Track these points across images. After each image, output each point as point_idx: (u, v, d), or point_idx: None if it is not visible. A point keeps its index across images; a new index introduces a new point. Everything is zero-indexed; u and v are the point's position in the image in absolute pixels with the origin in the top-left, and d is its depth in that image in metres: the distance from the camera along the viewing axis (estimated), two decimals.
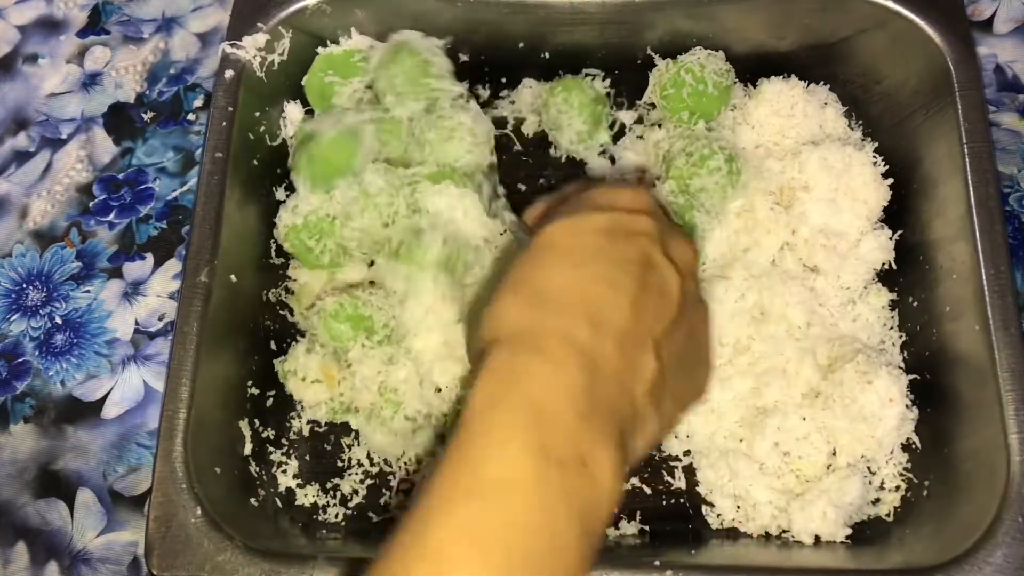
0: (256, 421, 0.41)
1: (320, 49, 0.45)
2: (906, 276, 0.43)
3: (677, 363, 0.29)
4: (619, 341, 0.26)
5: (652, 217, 0.30)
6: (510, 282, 0.28)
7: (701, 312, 0.31)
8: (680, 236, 0.31)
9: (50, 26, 0.52)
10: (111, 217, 0.47)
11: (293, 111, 0.45)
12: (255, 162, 0.43)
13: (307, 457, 0.41)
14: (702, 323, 0.31)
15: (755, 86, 0.46)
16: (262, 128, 0.44)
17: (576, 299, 0.27)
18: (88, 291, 0.46)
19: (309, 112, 0.46)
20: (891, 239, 0.43)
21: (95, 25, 0.52)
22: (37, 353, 0.44)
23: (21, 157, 0.49)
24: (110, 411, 0.43)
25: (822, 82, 0.46)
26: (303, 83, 0.45)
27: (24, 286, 0.46)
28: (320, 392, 0.40)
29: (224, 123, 0.42)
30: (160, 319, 0.45)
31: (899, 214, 0.44)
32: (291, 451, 0.41)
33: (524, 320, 0.27)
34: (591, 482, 0.24)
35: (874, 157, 0.43)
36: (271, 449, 0.41)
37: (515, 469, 0.23)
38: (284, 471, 0.40)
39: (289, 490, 0.40)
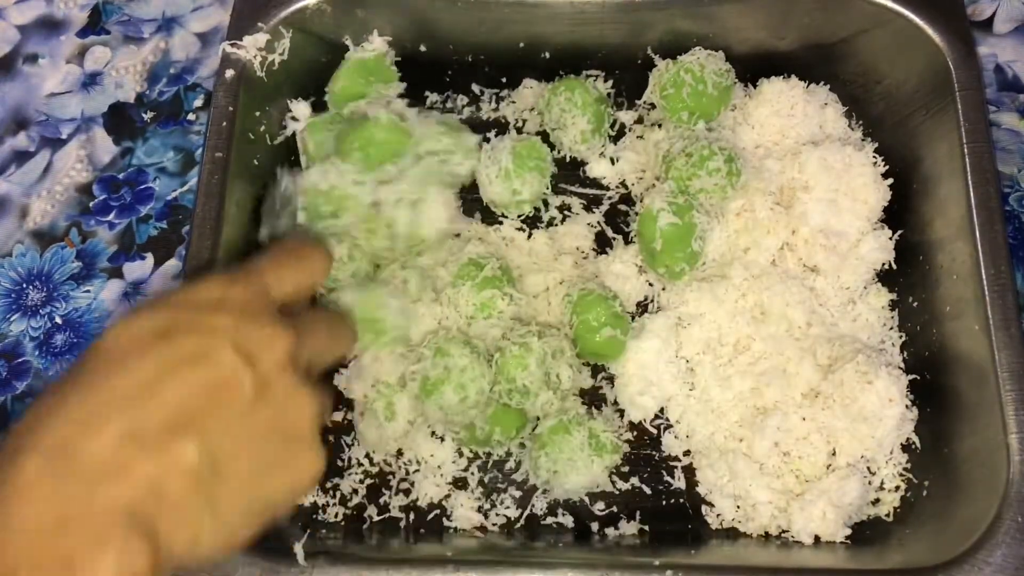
0: None
1: (350, 53, 0.45)
2: (906, 276, 0.43)
3: (247, 457, 0.27)
4: (130, 439, 0.25)
5: (231, 313, 0.28)
6: (57, 380, 0.27)
7: (299, 405, 0.29)
8: (268, 331, 0.29)
9: (50, 26, 0.52)
10: (111, 217, 0.47)
11: (301, 108, 0.45)
12: (255, 162, 0.43)
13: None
14: (301, 417, 0.29)
15: (755, 86, 0.46)
16: (262, 128, 0.44)
17: (83, 407, 0.25)
18: (88, 291, 0.46)
19: (317, 108, 0.45)
20: (891, 239, 0.43)
21: (95, 25, 0.52)
22: (37, 353, 0.44)
23: (21, 157, 0.49)
24: None
25: (822, 82, 0.46)
26: (330, 88, 0.44)
27: (24, 286, 0.46)
28: None
29: (224, 123, 0.42)
30: None
31: (899, 214, 0.44)
32: None
33: (34, 423, 0.25)
34: None
35: (874, 157, 0.43)
36: None
37: None
38: None
39: None
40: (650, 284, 0.44)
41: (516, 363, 0.38)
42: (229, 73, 0.43)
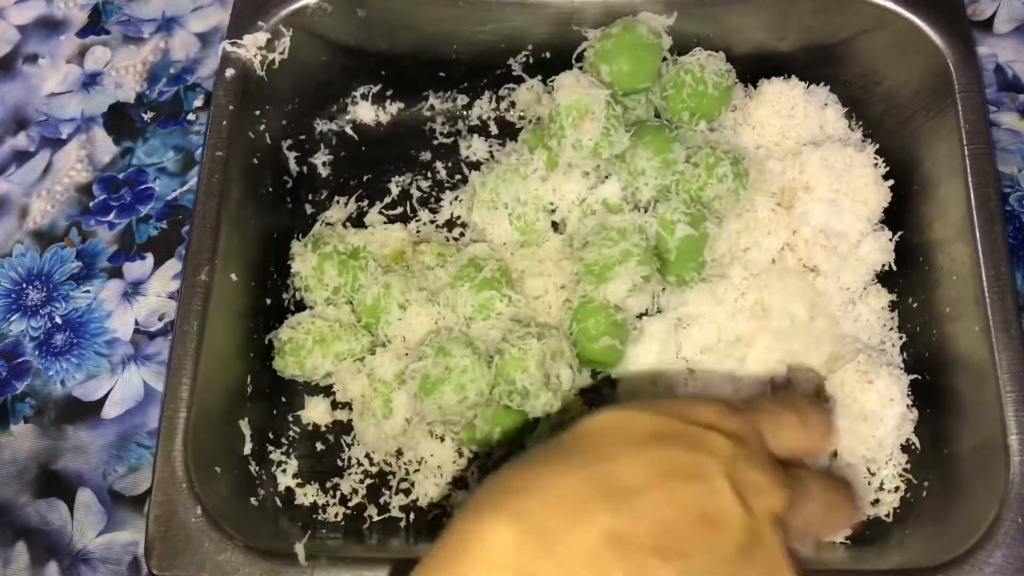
0: (256, 420, 0.40)
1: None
2: (906, 277, 0.43)
3: None
4: (615, 541, 0.22)
5: (732, 441, 0.25)
6: (526, 456, 0.25)
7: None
8: (768, 476, 0.25)
9: (50, 26, 0.52)
10: (111, 217, 0.47)
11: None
12: (255, 161, 0.43)
13: (307, 457, 0.41)
14: None
15: (756, 87, 0.46)
16: (262, 127, 0.44)
17: (574, 486, 0.23)
18: (88, 291, 0.46)
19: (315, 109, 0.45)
20: (891, 240, 0.43)
21: (95, 25, 0.52)
22: (37, 353, 0.44)
23: (21, 157, 0.49)
24: (110, 411, 0.43)
25: (823, 83, 0.46)
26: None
27: (24, 286, 0.46)
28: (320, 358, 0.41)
29: (224, 122, 0.42)
30: (160, 319, 0.45)
31: (899, 215, 0.44)
32: (291, 451, 0.41)
33: (502, 494, 0.23)
34: None
35: (875, 158, 0.43)
36: (271, 449, 0.41)
37: None
38: (284, 471, 0.40)
39: (289, 489, 0.40)
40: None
41: (515, 365, 0.38)
42: (229, 72, 0.43)
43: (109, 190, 0.48)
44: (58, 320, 0.45)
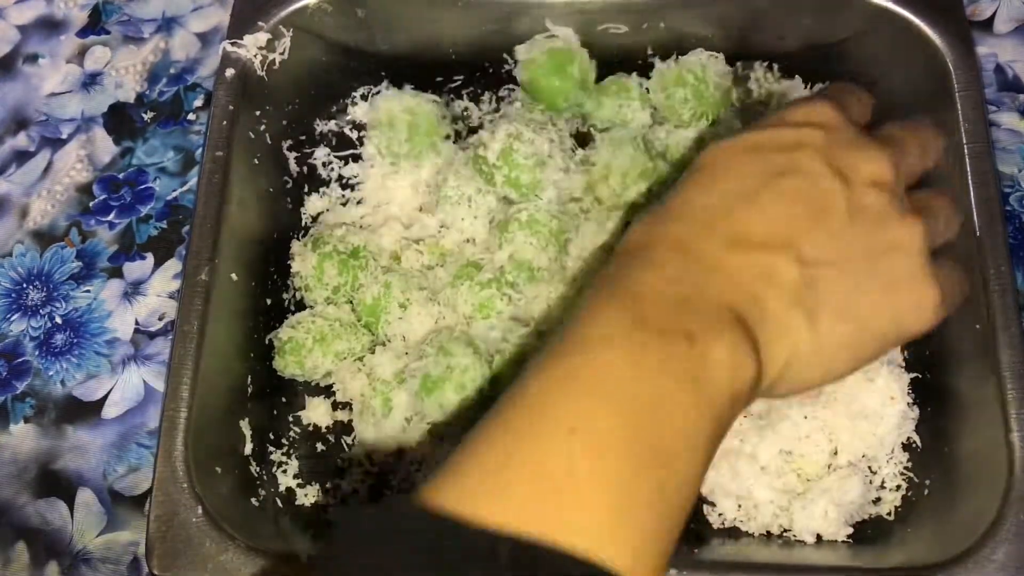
0: (256, 421, 0.40)
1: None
2: None
3: (844, 280, 0.26)
4: (735, 244, 0.26)
5: (824, 129, 0.28)
6: (649, 209, 0.29)
7: (901, 231, 0.27)
8: (866, 148, 0.28)
9: (50, 26, 0.52)
10: (111, 217, 0.47)
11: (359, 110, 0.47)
12: (256, 161, 0.43)
13: (307, 457, 0.41)
14: (906, 245, 0.27)
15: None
16: (263, 127, 0.44)
17: (694, 209, 0.27)
18: (88, 291, 0.46)
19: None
20: None
21: (95, 25, 0.52)
22: (37, 353, 0.44)
23: (21, 157, 0.49)
24: (110, 411, 0.43)
25: (827, 82, 0.46)
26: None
27: (24, 286, 0.46)
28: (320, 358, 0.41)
29: (225, 122, 0.41)
30: (160, 319, 0.45)
31: None
32: (291, 451, 0.41)
33: (642, 236, 0.27)
34: (701, 359, 0.23)
35: None
36: (271, 449, 0.41)
37: (612, 327, 0.24)
38: (284, 471, 0.40)
39: (289, 490, 0.40)
40: None
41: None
42: (229, 72, 0.43)
43: (109, 190, 0.48)
44: (58, 320, 0.45)
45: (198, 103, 0.50)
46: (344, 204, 0.46)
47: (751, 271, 0.26)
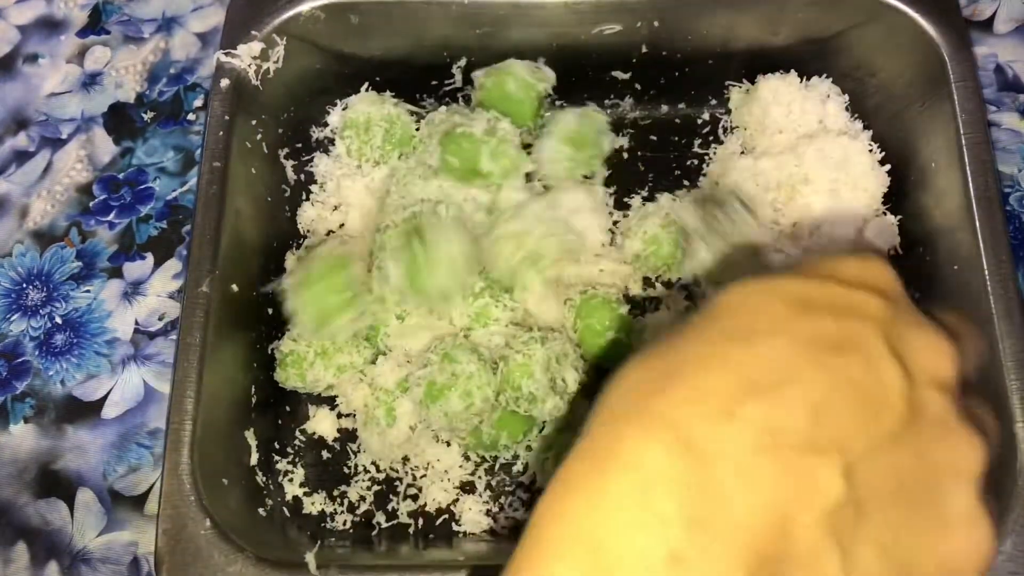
0: (261, 431, 0.40)
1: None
2: (906, 268, 0.43)
3: (893, 502, 0.20)
4: (766, 442, 0.19)
5: (885, 298, 0.21)
6: (654, 345, 0.22)
7: (961, 449, 0.21)
8: (930, 334, 0.22)
9: (50, 26, 0.52)
10: (111, 217, 0.47)
11: (335, 118, 0.46)
12: (253, 170, 0.43)
13: (313, 465, 0.41)
14: (964, 468, 0.21)
15: (752, 83, 0.46)
16: (259, 136, 0.44)
17: (706, 380, 0.20)
18: (88, 291, 0.45)
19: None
20: (894, 224, 0.43)
21: (95, 25, 0.52)
22: (37, 353, 0.44)
23: (21, 157, 0.49)
24: (110, 411, 0.42)
25: (824, 75, 0.46)
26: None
27: (24, 286, 0.46)
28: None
29: (221, 132, 0.41)
30: (160, 319, 0.45)
31: (897, 206, 0.44)
32: (297, 460, 0.41)
33: (628, 405, 0.20)
34: None
35: (870, 145, 0.44)
36: (277, 458, 0.41)
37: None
38: (291, 480, 0.40)
39: (296, 499, 0.40)
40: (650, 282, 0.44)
41: (521, 371, 0.38)
42: (224, 82, 0.42)
43: (109, 190, 0.48)
44: (58, 320, 0.45)
45: (198, 103, 0.50)
46: (335, 209, 0.46)
47: (784, 484, 0.19)
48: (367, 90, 0.46)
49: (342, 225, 0.45)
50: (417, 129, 0.45)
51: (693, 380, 0.20)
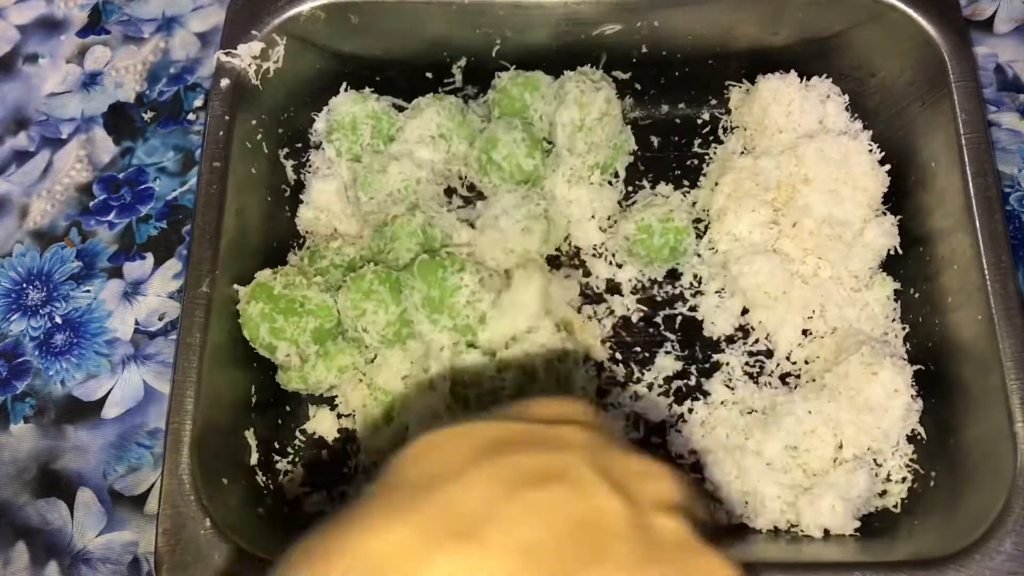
0: (261, 431, 0.40)
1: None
2: (907, 267, 0.43)
3: None
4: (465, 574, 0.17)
5: (588, 430, 0.21)
6: (324, 521, 0.19)
7: (711, 569, 0.19)
8: (644, 460, 0.21)
9: (50, 26, 0.52)
10: (111, 217, 0.47)
11: (321, 124, 0.46)
12: (253, 171, 0.43)
13: (313, 465, 0.41)
14: None
15: (752, 82, 0.46)
16: (259, 136, 0.44)
17: (401, 537, 0.18)
18: (88, 291, 0.45)
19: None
20: (894, 224, 0.43)
21: (95, 25, 0.52)
22: (37, 353, 0.44)
23: (21, 157, 0.49)
24: (110, 411, 0.42)
25: (824, 75, 0.46)
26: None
27: (24, 286, 0.46)
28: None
29: (221, 132, 0.41)
30: (160, 319, 0.45)
31: (897, 206, 0.44)
32: (297, 459, 0.41)
33: (330, 541, 0.18)
34: None
35: (870, 145, 0.44)
36: (277, 458, 0.41)
37: None
38: (291, 480, 0.40)
39: (296, 498, 0.40)
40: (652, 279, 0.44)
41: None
42: (224, 82, 0.42)
43: (109, 190, 0.48)
44: (58, 320, 0.45)
45: (198, 103, 0.50)
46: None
47: None
48: (346, 90, 0.46)
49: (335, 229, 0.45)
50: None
51: (367, 545, 0.17)
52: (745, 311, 0.43)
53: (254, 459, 0.39)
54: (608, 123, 0.44)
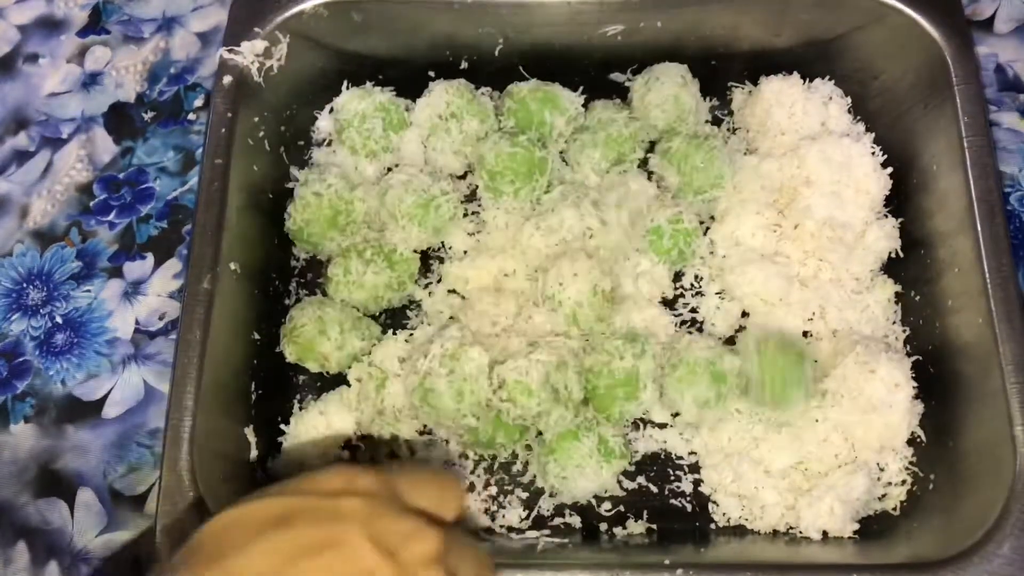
0: (261, 427, 0.40)
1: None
2: (908, 270, 0.43)
3: None
4: None
5: (365, 499, 0.24)
6: None
7: None
8: (411, 522, 0.24)
9: (50, 26, 0.52)
10: (111, 217, 0.47)
11: (324, 123, 0.46)
12: (255, 167, 0.43)
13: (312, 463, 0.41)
14: None
15: (755, 84, 0.46)
16: (261, 134, 0.44)
17: None
18: (88, 290, 0.45)
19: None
20: (895, 227, 0.43)
21: (95, 25, 0.52)
22: (37, 352, 0.44)
23: (21, 157, 0.49)
24: (110, 411, 0.42)
25: (827, 77, 0.46)
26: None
27: (24, 285, 0.46)
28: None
29: (223, 129, 0.41)
30: (160, 318, 0.45)
31: (899, 208, 0.44)
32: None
33: None
34: None
35: (872, 147, 0.43)
36: (276, 455, 0.41)
37: None
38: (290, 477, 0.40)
39: None
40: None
41: (520, 389, 0.37)
42: (227, 80, 0.42)
43: (109, 190, 0.48)
44: (58, 320, 0.45)
45: (198, 103, 0.50)
46: None
47: None
48: (348, 88, 0.46)
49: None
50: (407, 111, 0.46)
51: None
52: (745, 314, 0.43)
53: (253, 455, 0.39)
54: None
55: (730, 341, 0.43)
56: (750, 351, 0.39)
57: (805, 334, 0.42)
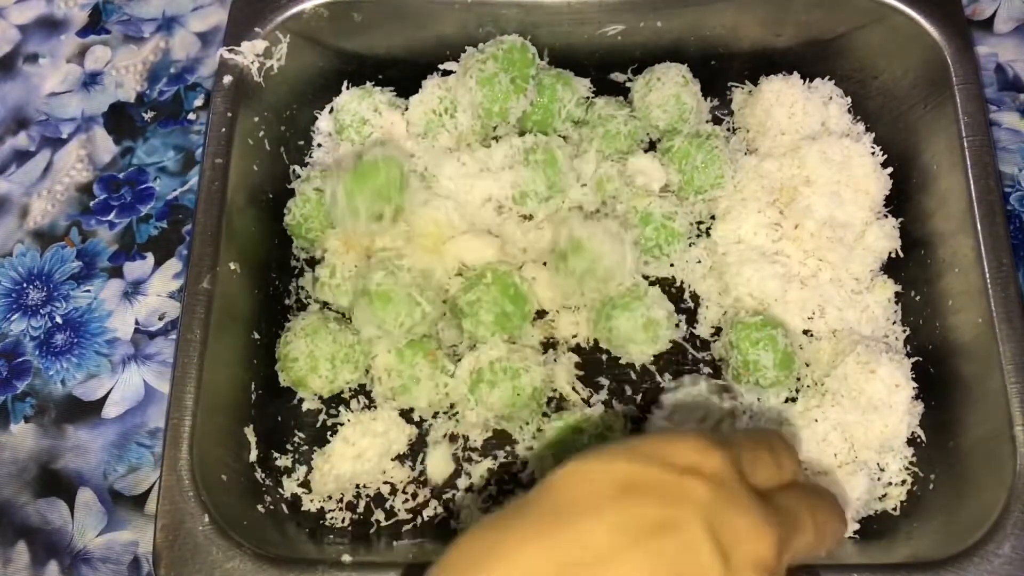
0: (261, 427, 0.40)
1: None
2: (908, 270, 0.43)
3: None
4: None
5: (711, 483, 0.23)
6: (486, 519, 0.23)
7: None
8: (753, 519, 0.23)
9: (50, 25, 0.52)
10: (111, 217, 0.47)
11: (324, 123, 0.46)
12: (255, 167, 0.43)
13: (312, 462, 0.41)
14: None
15: (755, 84, 0.46)
16: (261, 133, 0.44)
17: (534, 560, 0.21)
18: (88, 291, 0.45)
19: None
20: (895, 227, 0.43)
21: (95, 24, 0.52)
22: (37, 353, 0.44)
23: (21, 157, 0.49)
24: (110, 411, 0.42)
25: (826, 77, 0.46)
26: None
27: (24, 285, 0.46)
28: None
29: (223, 129, 0.41)
30: (160, 319, 0.45)
31: (899, 208, 0.44)
32: (296, 457, 0.41)
33: (459, 572, 0.22)
34: None
35: (872, 147, 0.43)
36: (276, 455, 0.41)
37: None
38: (290, 477, 0.40)
39: (295, 496, 0.40)
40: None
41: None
42: (227, 79, 0.42)
43: (109, 190, 0.48)
44: (58, 320, 0.45)
45: (198, 103, 0.50)
46: None
47: None
48: (347, 88, 0.46)
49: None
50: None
51: (512, 554, 0.21)
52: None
53: (253, 455, 0.39)
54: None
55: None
56: None
57: (805, 333, 0.42)
